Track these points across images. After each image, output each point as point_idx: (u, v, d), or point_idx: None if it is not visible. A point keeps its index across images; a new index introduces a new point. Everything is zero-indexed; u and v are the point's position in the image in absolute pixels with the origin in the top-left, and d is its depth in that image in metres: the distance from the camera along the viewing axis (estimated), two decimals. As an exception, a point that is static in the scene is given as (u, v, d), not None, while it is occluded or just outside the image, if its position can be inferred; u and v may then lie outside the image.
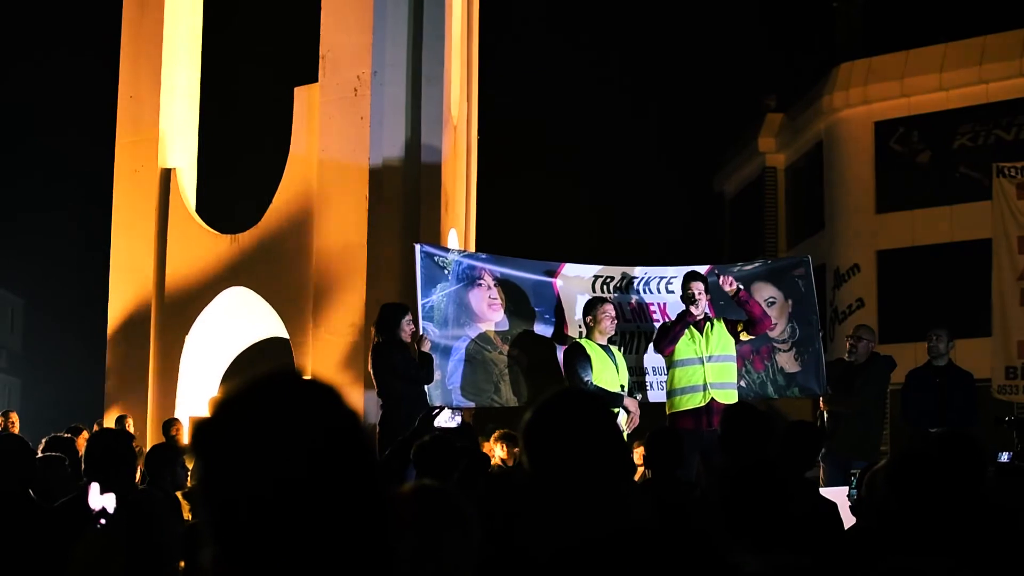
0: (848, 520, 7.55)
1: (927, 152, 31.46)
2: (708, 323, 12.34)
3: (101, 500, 6.65)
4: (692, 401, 12.02)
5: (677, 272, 13.43)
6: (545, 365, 13.34)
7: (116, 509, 6.66)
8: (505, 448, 13.38)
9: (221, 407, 1.96)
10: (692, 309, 12.25)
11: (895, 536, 4.01)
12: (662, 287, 13.65)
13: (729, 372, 12.36)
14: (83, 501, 6.69)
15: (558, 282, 13.57)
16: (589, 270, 13.68)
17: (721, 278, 12.78)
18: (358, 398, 14.11)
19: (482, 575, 3.21)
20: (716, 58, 50.87)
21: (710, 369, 12.16)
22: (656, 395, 13.31)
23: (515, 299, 13.52)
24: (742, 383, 13.18)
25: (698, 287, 12.35)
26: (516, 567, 3.03)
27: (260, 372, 1.99)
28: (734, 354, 12.49)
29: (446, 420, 9.27)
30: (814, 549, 4.57)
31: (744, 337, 12.68)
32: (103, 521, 6.60)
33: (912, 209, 31.06)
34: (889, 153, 31.93)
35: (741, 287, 12.77)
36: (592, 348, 12.28)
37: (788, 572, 3.98)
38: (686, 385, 12.12)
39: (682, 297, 12.52)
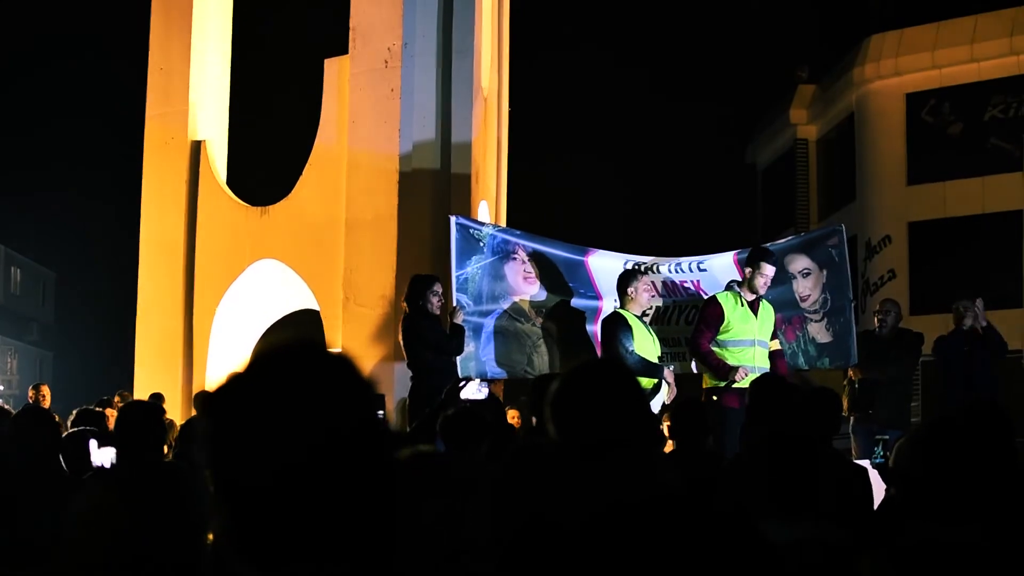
0: (879, 490, 7.54)
1: (958, 124, 31.27)
2: (761, 304, 12.27)
3: (100, 455, 6.64)
4: (742, 382, 11.55)
5: (708, 257, 13.42)
6: (578, 337, 13.37)
7: (137, 477, 6.65)
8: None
9: (231, 378, 1.95)
10: (759, 287, 12.15)
11: (921, 504, 4.00)
12: (694, 267, 13.56)
13: (767, 358, 12.25)
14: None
15: (590, 260, 13.59)
16: (620, 256, 13.66)
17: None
18: (388, 370, 14.10)
19: (509, 546, 3.20)
20: (748, 29, 50.74)
21: (758, 353, 12.07)
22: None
23: (548, 273, 13.54)
24: (773, 354, 13.14)
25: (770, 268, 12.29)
26: (542, 537, 3.03)
27: (274, 342, 1.97)
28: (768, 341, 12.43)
29: (474, 392, 9.24)
30: (843, 518, 4.56)
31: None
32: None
33: (943, 181, 30.91)
34: (920, 125, 31.75)
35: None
36: (631, 319, 12.24)
37: (815, 541, 3.97)
38: (737, 366, 11.89)
39: (752, 271, 12.31)
